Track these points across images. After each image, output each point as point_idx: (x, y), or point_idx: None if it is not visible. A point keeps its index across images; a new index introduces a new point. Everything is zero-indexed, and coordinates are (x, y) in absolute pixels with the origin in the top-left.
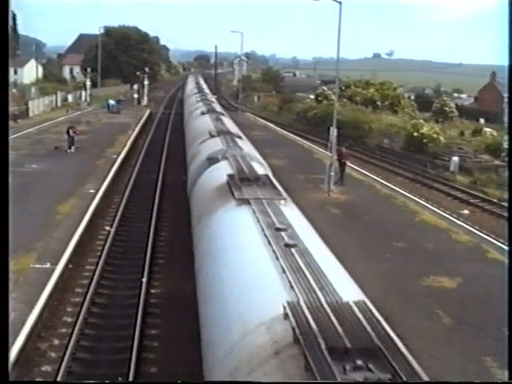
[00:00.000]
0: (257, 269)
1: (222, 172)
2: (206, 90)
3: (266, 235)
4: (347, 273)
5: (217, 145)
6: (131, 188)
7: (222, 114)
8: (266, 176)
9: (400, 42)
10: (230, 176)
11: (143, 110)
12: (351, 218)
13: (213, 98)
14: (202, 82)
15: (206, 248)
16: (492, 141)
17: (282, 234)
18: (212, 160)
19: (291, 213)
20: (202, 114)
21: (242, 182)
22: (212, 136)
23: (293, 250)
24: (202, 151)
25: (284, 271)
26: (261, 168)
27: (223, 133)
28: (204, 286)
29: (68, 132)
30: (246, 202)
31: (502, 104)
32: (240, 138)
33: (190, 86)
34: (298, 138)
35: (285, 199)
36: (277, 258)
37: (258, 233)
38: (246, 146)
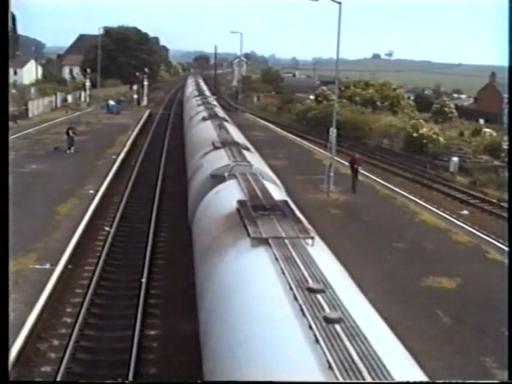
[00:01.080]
0: (285, 361)
1: (229, 195)
2: (207, 92)
3: (296, 298)
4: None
5: (222, 158)
6: (131, 188)
7: (226, 120)
8: (285, 203)
9: (399, 43)
10: (241, 203)
11: (143, 111)
12: (351, 219)
13: (214, 101)
14: (202, 83)
15: (213, 303)
16: (491, 141)
17: (319, 297)
18: (217, 178)
19: (324, 259)
20: (204, 119)
21: (255, 210)
22: (216, 147)
23: (337, 327)
24: (204, 166)
25: (331, 368)
26: (276, 190)
27: (228, 144)
28: (212, 359)
29: (68, 132)
30: (265, 241)
31: (501, 104)
32: (248, 149)
33: (190, 88)
34: (298, 139)
35: (313, 238)
36: (316, 341)
37: (285, 296)
38: (256, 159)
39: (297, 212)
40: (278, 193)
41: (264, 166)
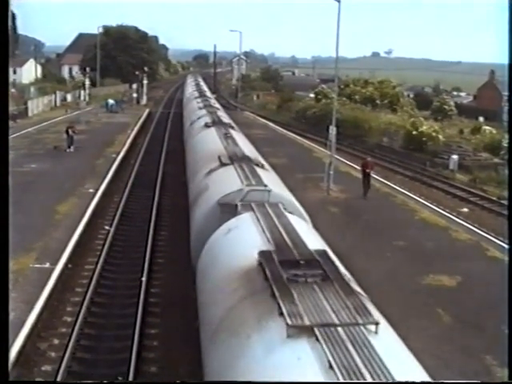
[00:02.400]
0: None
1: (246, 238)
2: (208, 94)
3: None
4: None
5: (231, 180)
6: (131, 187)
7: (232, 127)
8: (325, 255)
9: (399, 41)
10: (265, 256)
11: (142, 110)
12: (351, 217)
13: (217, 104)
14: (202, 83)
15: None
16: (491, 139)
17: None
18: (227, 207)
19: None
20: (207, 126)
21: (286, 269)
22: (223, 164)
23: None
24: (210, 188)
25: None
26: (307, 230)
27: (238, 159)
28: None
29: (67, 132)
30: (308, 330)
31: (501, 102)
32: (262, 166)
33: (190, 88)
34: (298, 137)
35: (378, 324)
36: None
37: None
38: (273, 181)
39: (343, 269)
40: (310, 235)
41: (284, 190)
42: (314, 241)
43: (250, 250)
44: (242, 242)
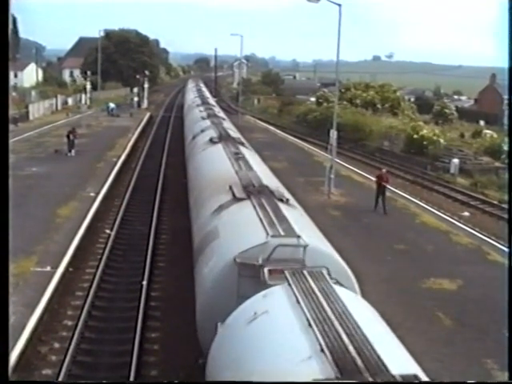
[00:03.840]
0: None
1: (282, 335)
2: (211, 101)
3: None
4: None
5: (251, 225)
6: (131, 191)
7: (242, 144)
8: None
9: (400, 45)
10: None
11: (143, 113)
12: (351, 221)
13: (221, 113)
14: (204, 88)
15: None
16: (492, 143)
17: None
18: (248, 270)
19: None
20: (213, 142)
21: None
22: (237, 199)
23: None
24: (221, 236)
25: None
26: (368, 315)
27: (256, 192)
28: None
29: (68, 136)
30: None
31: (501, 106)
32: (286, 201)
33: (191, 94)
34: (298, 141)
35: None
36: None
37: None
38: (303, 223)
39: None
40: (375, 324)
41: (323, 241)
42: (387, 343)
43: (291, 363)
44: (276, 342)
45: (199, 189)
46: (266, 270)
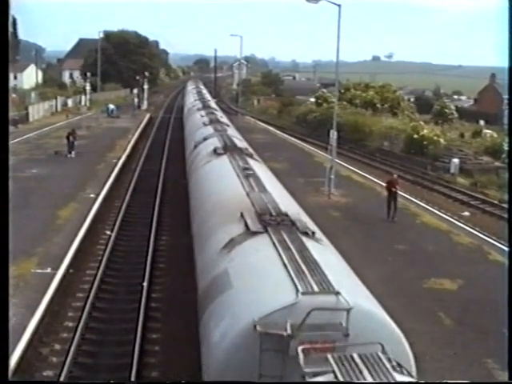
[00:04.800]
0: None
1: None
2: (213, 104)
3: None
4: None
5: (273, 275)
6: (131, 192)
7: (251, 156)
8: None
9: (399, 45)
10: None
11: (143, 114)
12: (352, 221)
13: (225, 118)
14: (204, 90)
15: None
16: (492, 142)
17: None
18: (273, 342)
19: None
20: (217, 153)
21: None
22: (251, 232)
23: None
24: (235, 287)
25: None
26: None
27: (274, 221)
28: None
29: (68, 137)
30: None
31: (501, 105)
32: (313, 234)
33: (191, 97)
34: (298, 141)
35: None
36: None
37: None
38: (337, 266)
39: None
40: None
41: (368, 297)
42: None
43: None
44: None
45: (203, 213)
46: (299, 349)
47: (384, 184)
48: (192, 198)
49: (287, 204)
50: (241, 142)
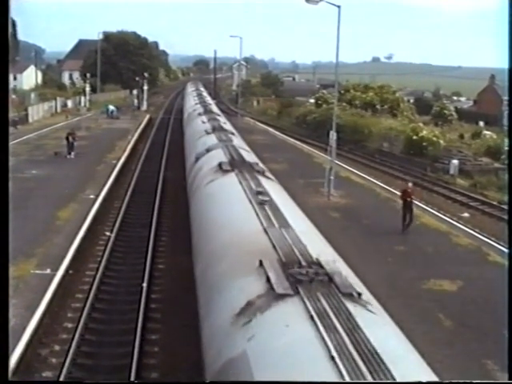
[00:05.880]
0: None
1: None
2: (215, 108)
3: None
4: None
5: (306, 348)
6: (131, 193)
7: (263, 173)
8: None
9: (399, 46)
10: None
11: (143, 115)
12: (351, 222)
13: (228, 124)
14: (205, 93)
15: None
16: (491, 143)
17: None
18: None
19: None
20: (223, 170)
21: None
22: (278, 295)
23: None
24: (252, 369)
25: None
26: None
27: (307, 280)
28: None
29: (67, 138)
30: None
31: (501, 107)
32: (359, 296)
33: (192, 101)
34: (298, 142)
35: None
36: None
37: None
38: (401, 343)
39: None
40: None
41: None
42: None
43: None
44: None
45: (209, 255)
46: None
47: (398, 193)
48: (194, 228)
49: (317, 245)
50: (249, 155)
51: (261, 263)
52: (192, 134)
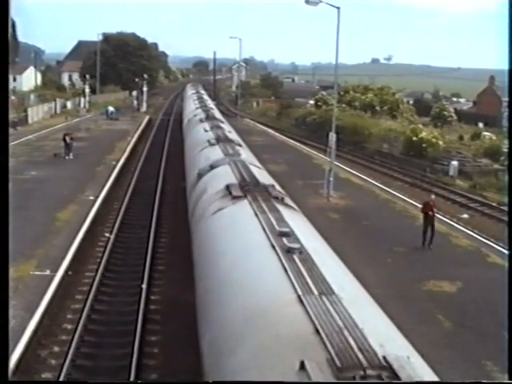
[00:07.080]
0: None
1: None
2: (217, 113)
3: None
4: None
5: None
6: (131, 194)
7: (282, 200)
8: None
9: (398, 47)
10: None
11: (142, 117)
12: (351, 223)
13: (234, 133)
14: (206, 96)
15: None
16: (491, 145)
17: None
18: None
19: None
20: (234, 197)
21: None
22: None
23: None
24: None
25: None
26: None
27: (360, 366)
28: None
29: (64, 139)
30: None
31: (500, 108)
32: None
33: (192, 105)
34: (297, 144)
35: None
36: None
37: None
38: None
39: None
40: None
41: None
42: None
43: None
44: None
45: (221, 332)
46: None
47: (419, 206)
48: (197, 276)
49: (380, 325)
50: (262, 174)
51: (303, 366)
52: (193, 145)
